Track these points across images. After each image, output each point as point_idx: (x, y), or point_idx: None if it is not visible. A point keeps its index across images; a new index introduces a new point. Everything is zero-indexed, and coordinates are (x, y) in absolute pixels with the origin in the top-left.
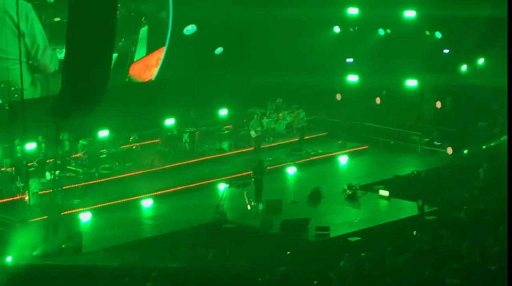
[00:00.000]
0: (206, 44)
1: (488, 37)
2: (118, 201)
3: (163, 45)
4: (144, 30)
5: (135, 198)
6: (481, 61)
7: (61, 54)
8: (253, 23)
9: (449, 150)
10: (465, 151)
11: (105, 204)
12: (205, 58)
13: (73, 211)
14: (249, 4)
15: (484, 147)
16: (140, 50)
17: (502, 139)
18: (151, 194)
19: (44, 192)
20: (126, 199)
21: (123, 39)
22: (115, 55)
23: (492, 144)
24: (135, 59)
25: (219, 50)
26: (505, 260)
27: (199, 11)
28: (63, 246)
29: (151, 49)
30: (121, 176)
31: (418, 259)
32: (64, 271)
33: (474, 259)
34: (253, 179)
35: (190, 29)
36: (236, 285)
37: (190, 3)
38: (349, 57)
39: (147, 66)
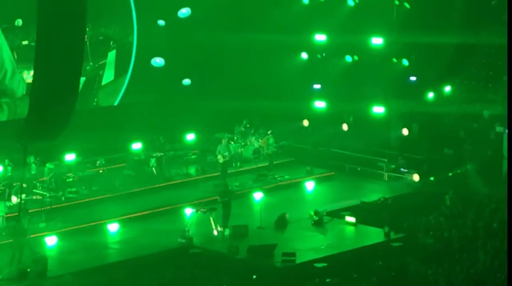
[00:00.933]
0: (174, 76)
1: (455, 64)
2: (84, 225)
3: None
4: (112, 54)
5: (101, 222)
6: (447, 88)
7: (29, 77)
8: (221, 49)
9: (416, 177)
10: (432, 178)
11: (71, 228)
12: (172, 88)
13: (39, 234)
14: (216, 30)
15: (450, 174)
16: (108, 74)
17: (467, 167)
18: (118, 218)
19: (10, 215)
20: (93, 223)
21: (91, 63)
22: (82, 79)
23: (458, 171)
24: (102, 83)
25: (186, 82)
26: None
27: (165, 44)
28: (28, 269)
29: (119, 73)
30: (88, 199)
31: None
32: None
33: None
34: (220, 204)
35: (158, 61)
36: None
37: (155, 34)
38: (317, 83)
39: (115, 91)
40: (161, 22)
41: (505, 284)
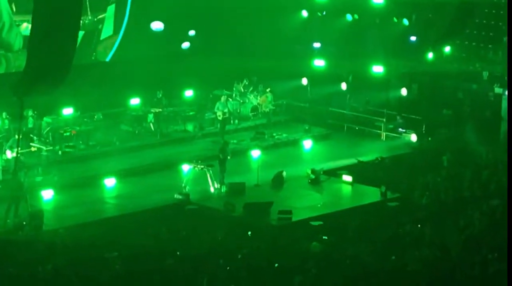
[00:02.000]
0: (174, 40)
1: (456, 25)
2: (81, 180)
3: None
4: (111, 9)
5: (98, 177)
6: (447, 49)
7: (26, 31)
8: (221, 7)
9: (414, 137)
10: (429, 139)
11: (67, 182)
12: (172, 51)
13: (35, 188)
14: None
15: (448, 135)
16: (107, 29)
17: (466, 127)
18: (115, 173)
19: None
20: (89, 178)
21: (89, 17)
22: (81, 33)
23: (456, 132)
24: (101, 38)
25: (186, 46)
26: (466, 247)
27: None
28: (24, 223)
29: (118, 28)
30: (85, 154)
31: (380, 245)
32: (24, 248)
33: (435, 246)
34: (217, 161)
35: (157, 26)
36: (197, 267)
37: None
38: (316, 41)
39: (114, 46)
40: None
41: (501, 245)
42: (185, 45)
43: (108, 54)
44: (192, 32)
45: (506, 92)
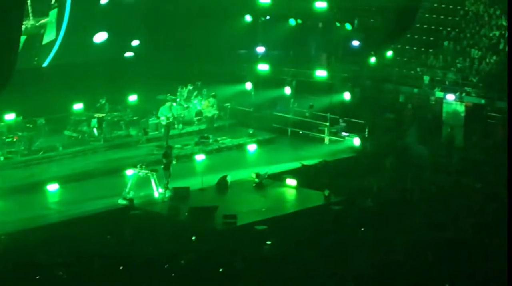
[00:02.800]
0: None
1: (397, 30)
2: (23, 185)
3: None
4: (53, 13)
5: (41, 182)
6: (389, 53)
7: None
8: (165, 12)
9: (357, 141)
10: (372, 142)
11: (10, 188)
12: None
13: None
14: None
15: (390, 139)
16: (49, 33)
17: (408, 131)
18: (58, 179)
19: None
20: (32, 184)
21: (31, 21)
22: (23, 37)
23: (398, 136)
24: (43, 43)
25: (129, 55)
26: (409, 251)
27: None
28: None
29: (60, 33)
30: (27, 160)
31: (325, 250)
32: None
33: (379, 249)
34: (161, 166)
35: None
36: (141, 272)
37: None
38: (260, 46)
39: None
40: None
41: (444, 247)
42: (128, 54)
43: (46, 59)
44: (135, 42)
45: (447, 96)
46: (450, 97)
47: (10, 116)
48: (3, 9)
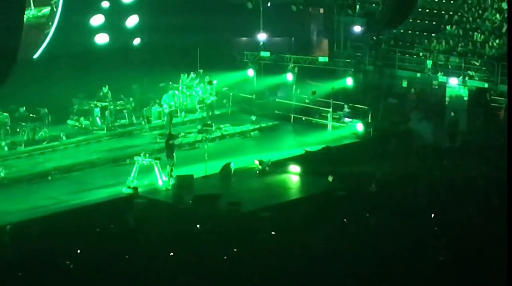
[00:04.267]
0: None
1: (399, 15)
2: (27, 175)
3: None
4: (56, 2)
5: (45, 172)
6: (391, 38)
7: None
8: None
9: (360, 126)
10: (375, 127)
11: (14, 178)
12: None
13: None
14: None
15: (393, 123)
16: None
17: (411, 116)
18: (61, 168)
19: None
20: (36, 173)
21: (33, 11)
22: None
23: (401, 120)
24: (45, 32)
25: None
26: (414, 235)
27: None
28: None
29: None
30: (31, 149)
31: (329, 236)
32: None
33: (384, 234)
34: (165, 154)
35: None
36: (146, 260)
37: None
38: (262, 33)
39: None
40: None
41: (449, 231)
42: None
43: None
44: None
45: (450, 81)
46: (453, 81)
47: (13, 107)
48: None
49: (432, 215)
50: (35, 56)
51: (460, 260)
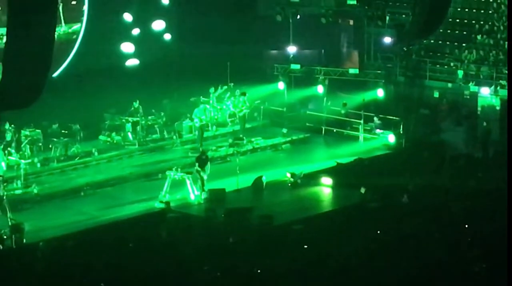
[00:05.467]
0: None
1: (429, 25)
2: (60, 191)
3: None
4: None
5: (77, 188)
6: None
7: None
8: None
9: (391, 138)
10: (407, 138)
11: (47, 194)
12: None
13: (15, 201)
14: None
15: (425, 134)
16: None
17: (443, 127)
18: (94, 184)
19: None
20: (69, 189)
21: (64, 28)
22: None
23: (433, 131)
24: (76, 49)
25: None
26: (449, 247)
27: None
28: (5, 237)
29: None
30: (64, 165)
31: (365, 247)
32: (6, 261)
33: (418, 246)
34: (196, 168)
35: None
36: (180, 274)
37: None
38: (292, 45)
39: None
40: None
41: (485, 239)
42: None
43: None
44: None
45: (482, 90)
46: (485, 91)
47: (46, 123)
48: (36, 16)
49: (466, 226)
50: (59, 73)
51: (494, 271)
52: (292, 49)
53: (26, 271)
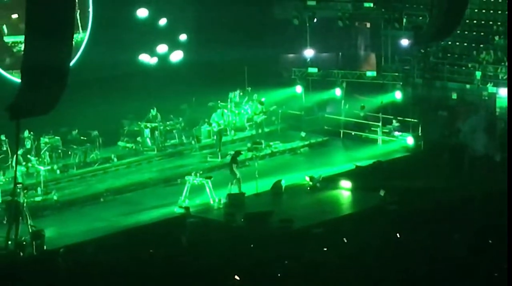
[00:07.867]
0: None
1: (446, 26)
2: (80, 198)
3: None
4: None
5: (97, 194)
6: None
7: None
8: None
9: (410, 140)
10: (426, 140)
11: (67, 201)
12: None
13: (35, 208)
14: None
15: (444, 136)
16: None
17: (462, 129)
18: (113, 190)
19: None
20: (88, 196)
21: (81, 35)
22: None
23: (452, 133)
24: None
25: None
26: (467, 250)
27: None
28: (25, 243)
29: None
30: (83, 172)
31: (385, 250)
32: (26, 268)
33: (438, 249)
34: (233, 169)
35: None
36: (200, 279)
37: None
38: (309, 49)
39: None
40: None
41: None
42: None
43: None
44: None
45: (500, 91)
46: (503, 92)
47: (64, 130)
48: (54, 24)
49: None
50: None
51: None
52: (309, 53)
53: (47, 277)
